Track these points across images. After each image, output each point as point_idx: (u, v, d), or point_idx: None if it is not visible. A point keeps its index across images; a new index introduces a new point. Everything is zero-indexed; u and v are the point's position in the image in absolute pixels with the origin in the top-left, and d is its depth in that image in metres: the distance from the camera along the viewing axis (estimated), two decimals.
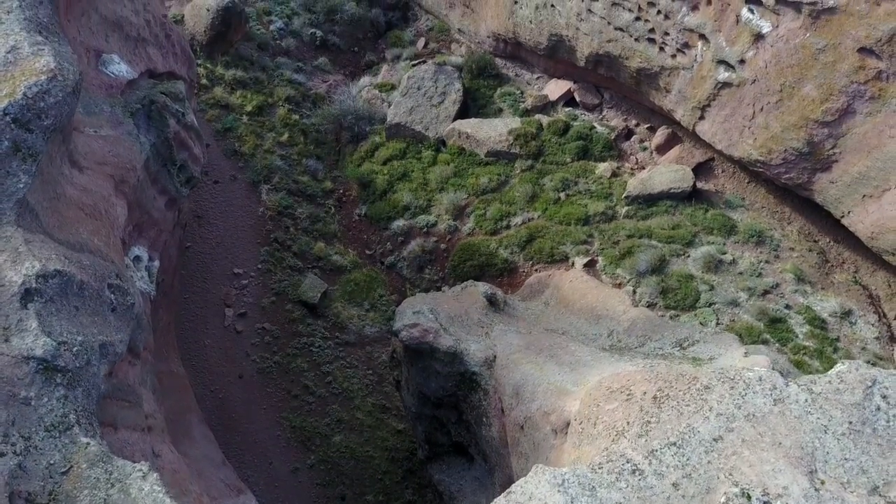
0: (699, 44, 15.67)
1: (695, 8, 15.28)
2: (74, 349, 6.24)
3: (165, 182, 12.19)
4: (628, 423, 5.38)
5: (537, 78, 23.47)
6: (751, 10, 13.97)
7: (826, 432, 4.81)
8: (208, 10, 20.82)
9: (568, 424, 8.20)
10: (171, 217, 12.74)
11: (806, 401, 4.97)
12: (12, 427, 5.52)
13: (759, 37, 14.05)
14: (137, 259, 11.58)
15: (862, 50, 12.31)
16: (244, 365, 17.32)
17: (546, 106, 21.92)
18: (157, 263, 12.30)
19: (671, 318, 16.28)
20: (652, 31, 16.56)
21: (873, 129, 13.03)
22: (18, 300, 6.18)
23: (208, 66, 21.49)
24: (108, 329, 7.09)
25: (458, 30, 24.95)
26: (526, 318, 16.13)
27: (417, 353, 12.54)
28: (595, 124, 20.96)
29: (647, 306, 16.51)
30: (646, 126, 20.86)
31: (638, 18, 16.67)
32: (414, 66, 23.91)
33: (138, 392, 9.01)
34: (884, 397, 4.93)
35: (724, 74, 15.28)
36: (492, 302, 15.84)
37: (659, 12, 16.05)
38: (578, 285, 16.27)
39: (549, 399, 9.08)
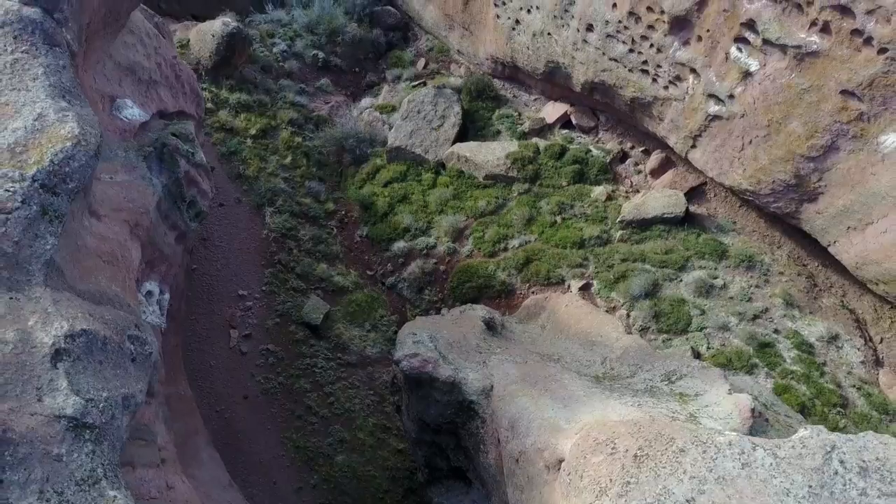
0: (690, 77, 16.18)
1: (686, 43, 15.78)
2: (101, 405, 6.74)
3: (176, 218, 12.70)
4: (611, 480, 5.87)
5: (535, 99, 24.00)
6: (739, 49, 14.47)
7: (788, 495, 5.30)
8: (213, 36, 21.32)
9: (560, 462, 8.71)
10: (180, 251, 13.24)
11: (771, 465, 5.47)
12: (47, 483, 6.02)
13: (747, 74, 14.55)
14: (149, 294, 12.09)
15: (844, 92, 12.81)
16: (249, 386, 17.81)
17: (543, 129, 22.44)
18: (167, 297, 12.81)
19: (663, 341, 16.82)
20: (645, 63, 17.06)
21: (856, 166, 13.53)
22: (49, 360, 6.67)
23: (213, 89, 21.99)
24: (129, 380, 7.59)
25: (458, 51, 25.47)
26: (523, 341, 16.64)
27: (417, 381, 13.03)
28: (591, 147, 21.47)
29: (641, 330, 17.04)
30: (641, 149, 21.38)
31: (631, 51, 17.17)
32: (414, 87, 24.48)
33: (154, 430, 9.52)
34: (841, 462, 5.42)
35: (714, 108, 15.78)
36: (490, 326, 16.36)
37: (651, 46, 16.54)
38: (573, 310, 16.78)
39: (543, 435, 9.58)
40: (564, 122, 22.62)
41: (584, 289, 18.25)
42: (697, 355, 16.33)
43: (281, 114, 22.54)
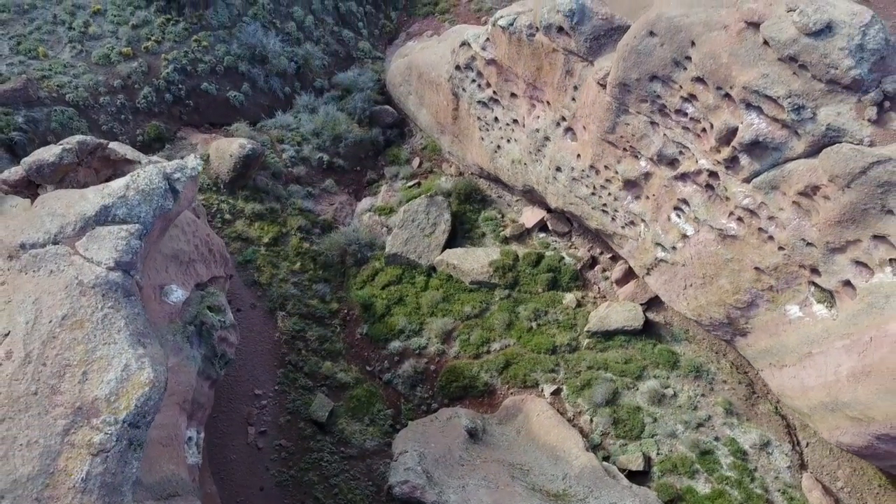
0: (642, 225, 18.99)
1: (637, 198, 18.59)
2: None
3: (210, 371, 15.49)
4: None
5: (517, 200, 26.78)
6: (678, 216, 17.28)
7: None
8: (231, 156, 24.12)
9: None
10: (212, 394, 16.02)
11: None
12: None
13: (685, 235, 17.36)
14: (189, 440, 14.87)
15: (757, 268, 15.62)
16: (264, 478, 20.58)
17: (523, 234, 25.23)
18: (202, 434, 15.58)
19: (620, 447, 19.59)
20: (605, 205, 19.87)
21: (772, 321, 16.33)
22: None
23: (230, 201, 24.78)
24: None
25: (448, 152, 28.25)
26: (501, 446, 19.47)
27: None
28: (564, 255, 24.25)
29: (602, 435, 19.83)
30: (608, 255, 24.17)
31: (593, 194, 19.98)
32: (410, 187, 27.29)
33: None
34: None
35: (661, 253, 18.58)
36: (472, 434, 19.22)
37: (609, 194, 19.35)
38: (544, 421, 19.59)
39: None
40: (542, 226, 25.40)
41: (556, 393, 21.04)
42: (648, 460, 19.13)
43: (290, 220, 25.33)
